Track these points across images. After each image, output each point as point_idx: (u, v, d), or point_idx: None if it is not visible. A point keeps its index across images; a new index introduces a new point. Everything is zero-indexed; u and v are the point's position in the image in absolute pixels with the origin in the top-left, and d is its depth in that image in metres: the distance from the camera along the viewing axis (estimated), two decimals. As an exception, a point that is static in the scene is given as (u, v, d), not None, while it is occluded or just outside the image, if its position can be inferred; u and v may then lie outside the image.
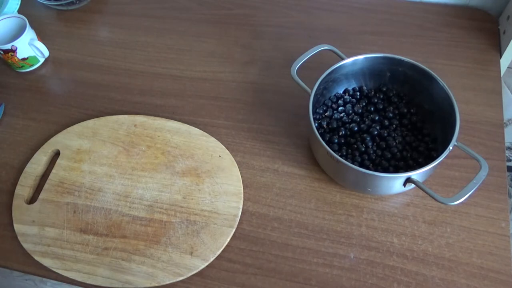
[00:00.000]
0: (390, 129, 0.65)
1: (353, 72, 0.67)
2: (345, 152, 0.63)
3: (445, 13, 0.83)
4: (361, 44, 0.79)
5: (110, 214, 0.63)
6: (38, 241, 0.61)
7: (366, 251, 0.59)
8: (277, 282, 0.58)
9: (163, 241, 0.60)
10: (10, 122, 0.75)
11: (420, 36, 0.80)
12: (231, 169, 0.66)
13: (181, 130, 0.70)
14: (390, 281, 0.57)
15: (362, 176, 0.56)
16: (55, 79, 0.81)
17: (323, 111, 0.67)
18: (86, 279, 0.58)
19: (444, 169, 0.64)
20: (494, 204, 0.61)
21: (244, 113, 0.73)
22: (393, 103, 0.67)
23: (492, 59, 0.76)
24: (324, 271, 0.58)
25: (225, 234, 0.61)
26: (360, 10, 0.85)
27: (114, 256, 0.60)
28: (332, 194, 0.64)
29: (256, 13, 0.87)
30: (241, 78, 0.77)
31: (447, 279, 0.56)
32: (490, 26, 0.81)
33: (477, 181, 0.53)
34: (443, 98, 0.60)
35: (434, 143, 0.63)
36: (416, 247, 0.59)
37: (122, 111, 0.74)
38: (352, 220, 0.62)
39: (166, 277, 0.58)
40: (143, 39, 0.85)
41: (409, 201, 0.63)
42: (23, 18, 0.79)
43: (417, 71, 0.63)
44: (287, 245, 0.60)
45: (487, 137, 0.67)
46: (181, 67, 0.80)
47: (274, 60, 0.79)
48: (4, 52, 0.77)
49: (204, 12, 0.88)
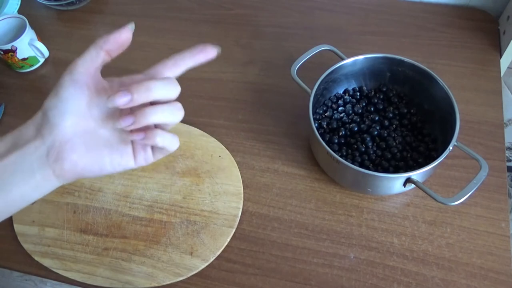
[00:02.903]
0: (390, 129, 0.65)
1: (353, 72, 0.67)
2: (345, 152, 0.63)
3: (445, 13, 0.83)
4: (361, 44, 0.79)
5: (110, 214, 0.63)
6: (38, 241, 0.61)
7: (366, 251, 0.59)
8: (277, 282, 0.58)
9: (163, 241, 0.60)
10: (10, 122, 0.75)
11: (420, 36, 0.80)
12: (231, 169, 0.66)
13: (181, 130, 0.70)
14: (390, 281, 0.57)
15: (362, 176, 0.56)
16: (55, 79, 0.80)
17: (323, 111, 0.67)
18: (86, 279, 0.58)
19: (444, 169, 0.64)
20: (494, 204, 0.61)
21: (244, 113, 0.73)
22: (393, 103, 0.67)
23: (492, 59, 0.76)
24: (324, 271, 0.58)
25: (225, 234, 0.61)
26: (360, 10, 0.85)
27: (114, 256, 0.60)
28: (332, 194, 0.64)
29: (256, 13, 0.87)
30: (241, 78, 0.77)
31: (447, 279, 0.56)
32: (490, 26, 0.81)
33: (477, 181, 0.53)
34: (443, 98, 0.60)
35: (434, 143, 0.63)
36: (416, 247, 0.59)
37: (122, 111, 0.74)
38: (352, 220, 0.62)
39: (166, 277, 0.58)
40: (143, 39, 0.85)
41: (409, 201, 0.63)
42: (23, 18, 0.79)
43: (417, 71, 0.63)
44: (287, 245, 0.60)
45: (487, 137, 0.67)
46: (181, 67, 0.80)
47: (274, 60, 0.79)
48: (4, 52, 0.77)
49: (204, 12, 0.88)
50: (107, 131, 0.37)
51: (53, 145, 0.35)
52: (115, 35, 0.38)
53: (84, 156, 0.36)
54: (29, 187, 0.35)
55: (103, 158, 0.37)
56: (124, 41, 0.39)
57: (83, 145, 0.36)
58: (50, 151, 0.35)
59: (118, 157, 0.37)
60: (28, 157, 0.34)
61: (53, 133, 0.35)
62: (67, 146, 0.35)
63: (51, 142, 0.35)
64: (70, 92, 0.36)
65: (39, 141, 0.35)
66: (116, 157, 0.37)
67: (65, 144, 0.35)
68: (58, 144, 0.35)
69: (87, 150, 0.36)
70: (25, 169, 0.35)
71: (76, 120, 0.35)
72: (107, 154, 0.37)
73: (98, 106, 0.37)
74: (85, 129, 0.36)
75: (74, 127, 0.35)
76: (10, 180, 0.34)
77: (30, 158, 0.34)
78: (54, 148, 0.35)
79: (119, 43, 0.38)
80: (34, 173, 0.35)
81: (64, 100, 0.36)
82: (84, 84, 0.36)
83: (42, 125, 0.35)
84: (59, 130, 0.35)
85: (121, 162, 0.37)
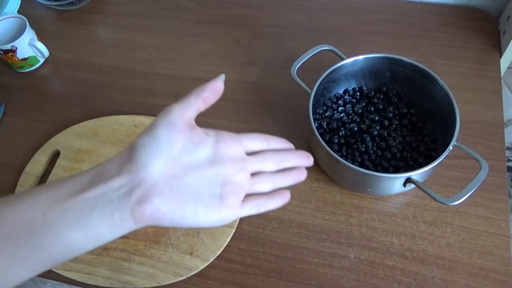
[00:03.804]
0: (390, 129, 0.65)
1: (353, 72, 0.67)
2: (345, 152, 0.63)
3: (445, 13, 0.83)
4: (361, 44, 0.79)
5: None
6: (38, 241, 0.61)
7: (366, 251, 0.59)
8: (277, 282, 0.58)
9: (163, 241, 0.60)
10: (10, 122, 0.75)
11: (420, 36, 0.80)
12: (231, 169, 0.66)
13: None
14: (390, 281, 0.57)
15: (362, 176, 0.56)
16: (55, 79, 0.81)
17: (323, 111, 0.67)
18: (86, 279, 0.58)
19: (444, 169, 0.64)
20: (494, 204, 0.61)
21: (244, 113, 0.73)
22: (393, 103, 0.67)
23: (492, 59, 0.76)
24: (324, 271, 0.58)
25: (225, 234, 0.61)
26: (360, 10, 0.85)
27: (114, 256, 0.60)
28: (332, 194, 0.64)
29: (256, 13, 0.87)
30: (241, 78, 0.77)
31: (447, 279, 0.56)
32: (490, 26, 0.81)
33: (477, 181, 0.53)
34: (443, 98, 0.60)
35: (434, 143, 0.63)
36: (416, 247, 0.59)
37: (122, 111, 0.74)
38: (352, 220, 0.62)
39: (166, 277, 0.58)
40: (143, 39, 0.85)
41: (409, 201, 0.63)
42: (23, 18, 0.79)
43: (417, 71, 0.63)
44: (287, 245, 0.60)
45: (487, 137, 0.67)
46: (181, 67, 0.80)
47: (274, 60, 0.79)
48: (4, 52, 0.77)
49: (204, 12, 0.88)
50: (193, 180, 0.35)
51: (139, 185, 0.33)
52: (212, 84, 0.38)
53: (168, 202, 0.34)
54: (106, 227, 0.33)
55: (186, 207, 0.35)
56: (218, 91, 0.39)
57: (169, 191, 0.34)
58: (134, 191, 0.33)
59: (202, 209, 0.35)
60: (110, 193, 0.33)
61: (141, 173, 0.33)
62: (153, 188, 0.33)
63: (137, 181, 0.33)
64: (165, 134, 0.35)
65: (125, 179, 0.33)
66: (200, 209, 0.35)
67: (151, 186, 0.33)
68: (144, 185, 0.33)
69: (172, 196, 0.34)
70: (105, 206, 0.33)
71: (166, 163, 0.34)
72: (191, 203, 0.35)
73: (189, 153, 0.36)
74: (173, 174, 0.35)
75: (164, 170, 0.34)
76: (89, 216, 0.32)
77: (112, 195, 0.33)
78: (139, 188, 0.33)
79: (215, 91, 0.39)
80: (113, 212, 0.33)
81: (159, 140, 0.35)
82: (179, 128, 0.36)
83: (129, 162, 0.34)
84: (148, 171, 0.33)
85: (203, 214, 0.35)
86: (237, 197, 0.37)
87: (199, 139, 0.37)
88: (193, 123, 0.38)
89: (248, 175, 0.38)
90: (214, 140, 0.38)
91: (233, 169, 0.37)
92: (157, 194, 0.33)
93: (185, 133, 0.36)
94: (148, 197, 0.33)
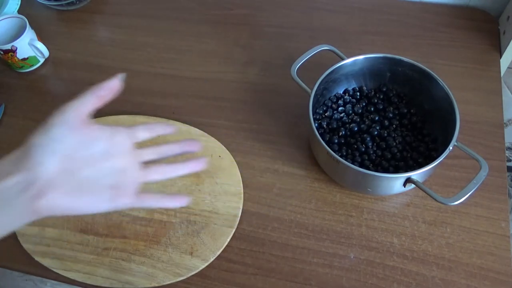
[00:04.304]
0: (390, 129, 0.65)
1: (353, 72, 0.67)
2: (345, 152, 0.63)
3: (445, 13, 0.83)
4: (361, 44, 0.79)
5: (110, 214, 0.63)
6: (38, 241, 0.61)
7: (366, 251, 0.59)
8: (277, 282, 0.58)
9: (163, 241, 0.60)
10: (10, 122, 0.75)
11: (420, 36, 0.80)
12: (231, 169, 0.66)
13: (181, 130, 0.70)
14: (390, 281, 0.57)
15: (362, 176, 0.56)
16: (55, 79, 0.81)
17: (323, 111, 0.67)
18: (86, 279, 0.58)
19: (444, 169, 0.64)
20: (494, 204, 0.61)
21: (244, 113, 0.73)
22: (393, 103, 0.67)
23: (492, 59, 0.76)
24: (324, 271, 0.58)
25: (225, 234, 0.61)
26: (360, 10, 0.85)
27: (114, 256, 0.60)
28: (332, 194, 0.64)
29: (256, 13, 0.87)
30: (241, 78, 0.77)
31: (447, 279, 0.56)
32: (490, 26, 0.81)
33: (477, 181, 0.53)
34: (443, 98, 0.60)
35: (434, 143, 0.63)
36: (416, 247, 0.59)
37: (122, 111, 0.74)
38: (352, 220, 0.62)
39: (166, 277, 0.58)
40: (143, 39, 0.85)
41: (409, 201, 0.63)
42: (23, 18, 0.79)
43: (417, 71, 0.63)
44: (287, 245, 0.60)
45: (487, 137, 0.67)
46: (181, 67, 0.80)
47: (274, 60, 0.79)
48: (4, 52, 0.77)
49: (204, 12, 0.88)
50: (89, 173, 0.38)
51: (34, 182, 0.35)
52: (109, 83, 0.41)
53: (64, 195, 0.37)
54: (6, 219, 0.36)
55: (82, 198, 0.38)
56: (115, 89, 0.42)
57: (65, 185, 0.37)
58: (30, 188, 0.35)
59: (97, 199, 0.39)
60: (7, 190, 0.35)
61: (36, 170, 0.35)
62: (49, 184, 0.36)
63: (32, 179, 0.35)
64: (60, 133, 0.37)
65: (20, 176, 0.35)
66: (95, 199, 0.39)
67: (46, 182, 0.36)
68: (39, 181, 0.35)
69: (68, 190, 0.37)
70: (2, 201, 0.35)
71: (62, 160, 0.36)
72: (87, 195, 0.38)
73: (85, 148, 0.38)
74: (69, 169, 0.37)
75: (59, 166, 0.36)
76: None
77: (9, 191, 0.35)
78: (34, 185, 0.35)
79: (111, 89, 0.42)
80: (10, 206, 0.35)
81: (54, 139, 0.37)
82: (74, 126, 0.38)
83: (25, 161, 0.36)
84: (43, 168, 0.36)
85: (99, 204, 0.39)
86: (131, 186, 0.41)
87: (94, 134, 0.39)
88: (88, 119, 0.40)
89: (140, 166, 0.42)
90: (109, 134, 0.41)
91: (127, 161, 0.41)
92: (52, 189, 0.36)
93: (80, 130, 0.38)
94: (43, 192, 0.36)
